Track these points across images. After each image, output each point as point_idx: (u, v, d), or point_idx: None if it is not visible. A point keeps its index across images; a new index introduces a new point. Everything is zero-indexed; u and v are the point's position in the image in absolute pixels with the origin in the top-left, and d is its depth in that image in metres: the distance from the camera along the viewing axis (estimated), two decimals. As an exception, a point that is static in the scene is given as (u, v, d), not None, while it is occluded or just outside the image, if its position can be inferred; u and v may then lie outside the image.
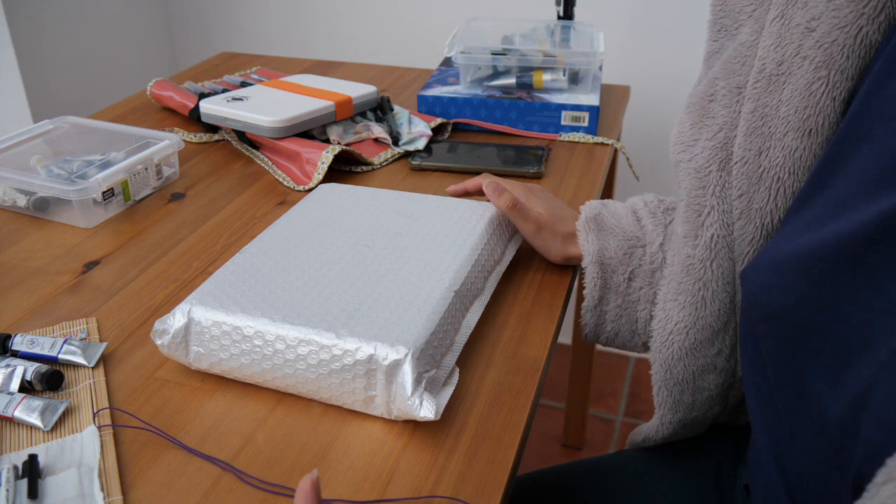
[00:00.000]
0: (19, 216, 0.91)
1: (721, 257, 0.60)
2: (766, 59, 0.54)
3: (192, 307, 0.62)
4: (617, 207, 0.79)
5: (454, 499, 0.53)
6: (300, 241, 0.73)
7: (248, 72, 1.36)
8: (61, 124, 1.01)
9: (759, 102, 0.55)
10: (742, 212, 0.57)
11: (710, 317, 0.63)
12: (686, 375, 0.66)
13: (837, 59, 0.50)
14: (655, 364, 0.68)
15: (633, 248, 0.74)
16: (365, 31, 1.73)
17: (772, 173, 0.54)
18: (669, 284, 0.66)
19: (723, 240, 0.60)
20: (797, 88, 0.52)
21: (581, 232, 0.76)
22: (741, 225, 0.58)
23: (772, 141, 0.54)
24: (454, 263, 0.69)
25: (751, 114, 0.55)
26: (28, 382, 0.62)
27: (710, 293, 0.62)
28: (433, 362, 0.60)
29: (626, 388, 1.82)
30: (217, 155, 1.07)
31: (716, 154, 0.59)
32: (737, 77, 0.58)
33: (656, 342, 0.67)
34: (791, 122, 0.53)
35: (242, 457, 0.57)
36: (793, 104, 0.52)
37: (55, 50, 1.55)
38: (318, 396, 0.61)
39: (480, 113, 1.14)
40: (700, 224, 0.60)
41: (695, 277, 0.62)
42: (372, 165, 1.02)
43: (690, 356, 0.65)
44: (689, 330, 0.64)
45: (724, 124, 0.58)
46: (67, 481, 0.54)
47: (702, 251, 0.61)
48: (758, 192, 0.56)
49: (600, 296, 0.75)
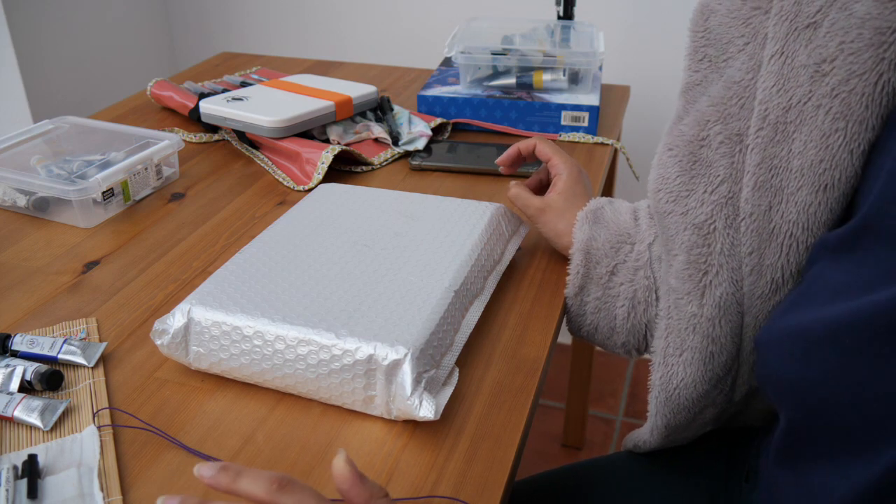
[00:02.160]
0: (19, 216, 0.91)
1: (731, 313, 0.57)
2: (768, 104, 0.51)
3: (192, 307, 0.62)
4: (622, 206, 0.78)
5: (454, 499, 0.53)
6: (300, 241, 0.73)
7: (248, 72, 1.36)
8: (61, 124, 1.01)
9: (767, 153, 0.51)
10: (753, 268, 0.54)
11: (717, 368, 0.61)
12: (688, 417, 0.65)
13: (856, 110, 0.46)
14: (658, 414, 0.66)
15: (621, 244, 0.74)
16: (365, 31, 1.73)
17: (784, 229, 0.51)
18: (669, 339, 0.63)
19: (732, 297, 0.56)
20: (811, 140, 0.48)
21: (577, 222, 0.76)
22: (752, 281, 0.55)
23: (783, 195, 0.51)
24: (454, 263, 0.69)
25: (757, 166, 0.52)
26: (28, 382, 0.62)
27: (718, 348, 0.59)
28: (433, 362, 0.60)
29: (626, 388, 1.82)
30: (217, 155, 1.07)
31: (720, 210, 0.55)
32: (735, 122, 0.53)
33: (660, 396, 0.65)
34: (806, 177, 0.49)
35: (242, 457, 0.57)
36: (807, 157, 0.49)
37: (55, 50, 1.55)
38: (318, 396, 0.61)
39: (480, 113, 1.14)
40: (707, 283, 0.57)
41: (702, 335, 0.59)
42: (372, 165, 1.02)
43: (695, 404, 0.64)
44: (697, 384, 0.62)
45: (727, 176, 0.54)
46: (67, 481, 0.54)
47: (710, 310, 0.58)
48: (769, 248, 0.53)
49: (581, 285, 0.75)
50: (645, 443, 0.73)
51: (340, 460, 0.44)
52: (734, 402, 0.65)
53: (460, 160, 1.02)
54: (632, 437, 0.77)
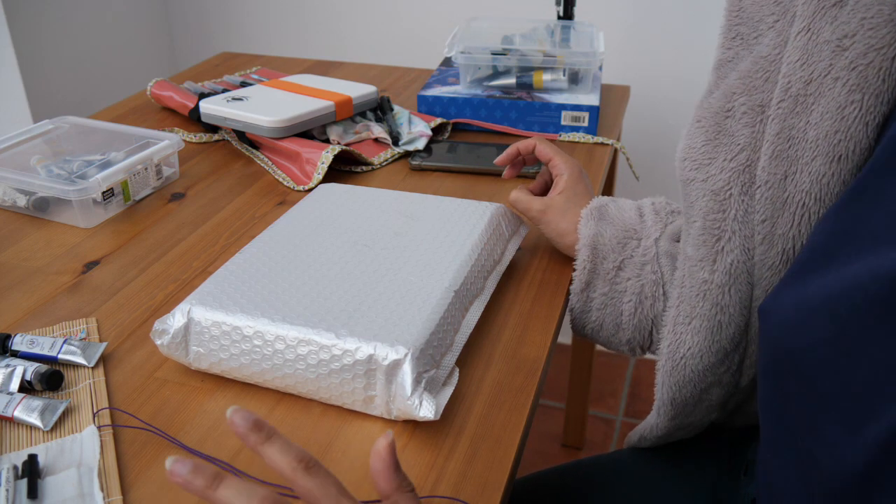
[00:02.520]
0: (19, 216, 0.91)
1: (740, 282, 0.58)
2: (791, 77, 0.52)
3: (192, 307, 0.62)
4: (625, 203, 0.79)
5: (454, 499, 0.53)
6: (300, 241, 0.73)
7: (248, 72, 1.36)
8: (61, 124, 1.01)
9: (786, 124, 0.52)
10: (765, 237, 0.55)
11: (724, 340, 0.61)
12: (693, 393, 0.65)
13: (873, 83, 0.47)
14: (664, 386, 0.67)
15: (627, 239, 0.75)
16: (365, 31, 1.73)
17: (797, 199, 0.52)
18: (680, 307, 0.64)
19: (743, 265, 0.57)
20: (828, 111, 0.49)
21: (583, 219, 0.77)
22: (763, 250, 0.56)
23: (798, 165, 0.52)
24: (454, 263, 0.69)
25: (776, 136, 0.53)
26: (28, 382, 0.62)
27: (726, 317, 0.60)
28: (433, 362, 0.60)
29: (626, 388, 1.82)
30: (217, 155, 1.07)
31: (737, 177, 0.56)
32: (759, 94, 0.55)
33: (666, 365, 0.65)
34: (820, 147, 0.50)
35: (242, 457, 0.57)
36: (822, 128, 0.50)
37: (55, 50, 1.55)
38: (318, 396, 0.61)
39: (480, 113, 1.14)
40: (719, 249, 0.58)
41: (711, 302, 0.60)
42: (372, 165, 1.02)
43: (701, 377, 0.64)
44: (703, 354, 0.62)
45: (746, 145, 0.55)
46: (67, 481, 0.54)
47: (721, 276, 0.59)
48: (782, 218, 0.54)
49: (588, 280, 0.75)
50: (651, 429, 0.73)
51: (384, 442, 0.44)
52: (741, 387, 0.65)
53: (460, 160, 1.02)
54: (636, 430, 0.77)
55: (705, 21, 1.51)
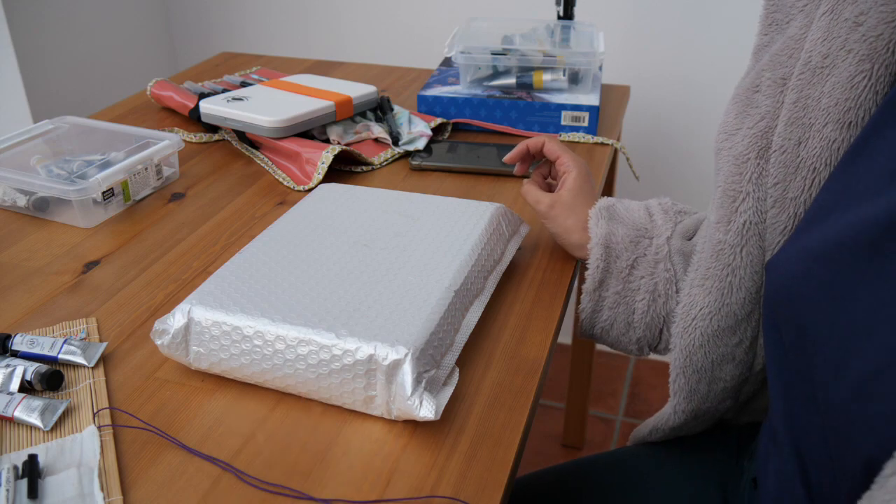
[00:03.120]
0: (19, 216, 0.91)
1: (751, 244, 0.60)
2: (812, 52, 0.55)
3: (192, 307, 0.62)
4: (631, 203, 0.80)
5: (454, 499, 0.53)
6: (300, 241, 0.73)
7: (248, 72, 1.36)
8: (61, 124, 1.01)
9: (803, 94, 0.55)
10: (776, 200, 0.58)
11: (735, 304, 0.63)
12: (705, 364, 0.66)
13: (882, 53, 0.50)
14: (676, 350, 0.68)
15: (640, 238, 0.75)
16: (365, 31, 1.73)
17: (808, 163, 0.55)
18: (697, 269, 0.66)
19: (755, 227, 0.60)
20: (840, 81, 0.53)
21: (592, 218, 0.77)
22: (774, 213, 0.58)
23: (811, 132, 0.55)
24: (454, 263, 0.69)
25: (793, 104, 0.56)
26: (28, 382, 0.62)
27: (737, 279, 0.62)
28: (433, 362, 0.60)
29: (626, 388, 1.82)
30: (217, 155, 1.07)
31: (755, 142, 0.59)
32: (782, 69, 0.58)
33: (679, 327, 0.67)
34: (831, 114, 0.53)
35: (242, 457, 0.57)
36: (834, 96, 0.53)
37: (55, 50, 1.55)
38: (318, 396, 0.61)
39: (480, 113, 1.14)
40: (734, 210, 0.61)
41: (724, 263, 0.62)
42: (372, 165, 1.02)
43: (712, 343, 0.65)
44: (714, 316, 0.64)
45: (766, 113, 0.59)
46: (67, 481, 0.54)
47: (733, 236, 0.61)
48: (794, 182, 0.56)
49: (601, 279, 0.76)
50: (666, 419, 0.73)
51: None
52: (754, 371, 0.66)
53: (460, 160, 1.02)
54: (648, 422, 0.78)
55: (705, 21, 1.51)
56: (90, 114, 1.18)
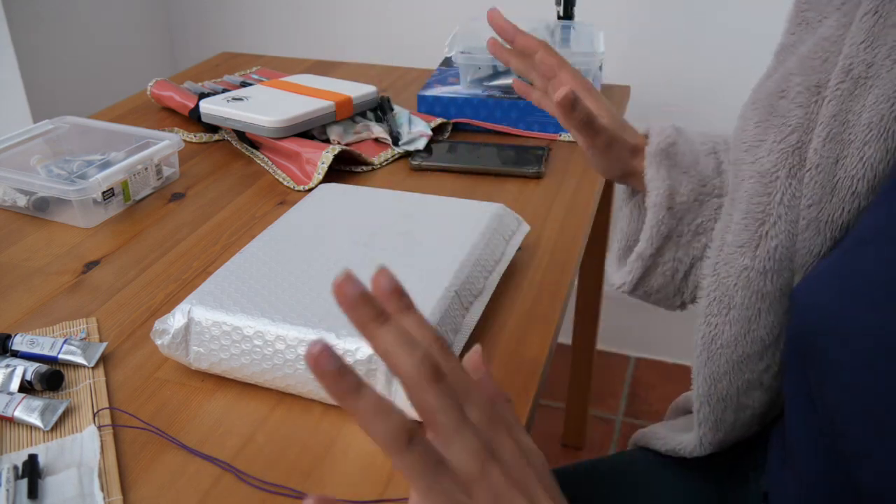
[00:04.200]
0: (19, 216, 0.91)
1: (782, 268, 0.55)
2: (854, 59, 0.49)
3: (193, 307, 0.62)
4: (695, 142, 0.70)
5: (454, 499, 0.53)
6: (300, 241, 0.73)
7: (248, 72, 1.36)
8: (61, 124, 1.01)
9: (843, 107, 0.50)
10: (810, 223, 0.52)
11: (762, 329, 0.57)
12: (731, 391, 0.61)
13: None
14: (699, 378, 0.62)
15: (707, 197, 0.67)
16: (365, 31, 1.73)
17: (847, 183, 0.50)
18: (714, 295, 0.60)
19: (786, 251, 0.54)
20: (884, 93, 0.47)
21: (650, 164, 0.68)
22: (808, 237, 0.53)
23: (850, 149, 0.49)
24: (454, 263, 0.69)
25: (832, 118, 0.50)
26: (28, 382, 0.62)
27: (766, 305, 0.56)
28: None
29: (626, 388, 1.82)
30: (217, 155, 1.07)
31: (785, 158, 0.53)
32: (816, 75, 0.52)
33: (702, 357, 0.61)
34: (874, 131, 0.48)
35: (242, 457, 0.57)
36: (878, 111, 0.47)
37: (55, 50, 1.55)
38: (319, 396, 0.61)
39: (480, 113, 1.13)
40: (763, 233, 0.55)
41: (752, 290, 0.56)
42: (372, 165, 1.02)
43: (737, 370, 0.59)
44: (739, 343, 0.58)
45: (798, 126, 0.53)
46: (67, 481, 0.54)
47: (762, 262, 0.55)
48: (829, 203, 0.51)
49: (660, 245, 0.68)
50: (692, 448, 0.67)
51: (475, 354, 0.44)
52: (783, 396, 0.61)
53: (460, 160, 1.02)
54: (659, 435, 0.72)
55: (705, 21, 1.51)
56: (90, 114, 1.18)
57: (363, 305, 0.35)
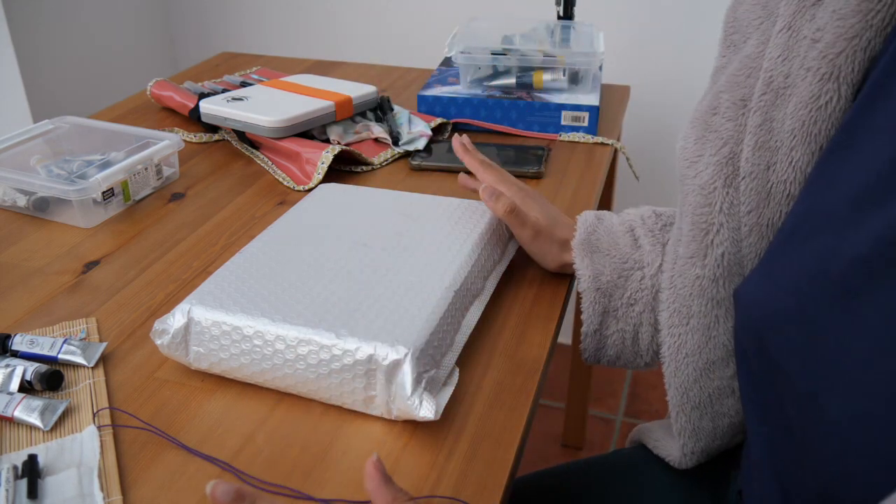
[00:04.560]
0: (19, 216, 0.91)
1: (732, 273, 0.58)
2: (773, 72, 0.53)
3: (192, 307, 0.62)
4: (613, 224, 0.77)
5: (454, 499, 0.53)
6: (300, 241, 0.73)
7: (248, 72, 1.36)
8: (61, 124, 1.01)
9: (767, 116, 0.53)
10: (752, 228, 0.55)
11: (723, 335, 0.61)
12: (703, 398, 0.64)
13: (846, 72, 0.48)
14: (671, 389, 0.66)
15: (630, 272, 0.72)
16: (365, 31, 1.73)
17: (780, 188, 0.53)
18: (673, 307, 0.64)
19: (733, 256, 0.58)
20: (802, 101, 0.50)
21: (576, 254, 0.74)
22: (752, 241, 0.56)
23: (778, 155, 0.52)
24: (454, 263, 0.69)
25: (758, 127, 0.53)
26: (28, 382, 0.62)
27: (723, 311, 0.60)
28: (433, 362, 0.60)
29: (626, 388, 1.82)
30: (217, 155, 1.07)
31: (720, 170, 0.57)
32: (741, 90, 0.56)
33: (670, 368, 0.65)
34: (797, 136, 0.51)
35: (242, 457, 0.57)
36: (798, 117, 0.50)
37: (55, 50, 1.55)
38: (318, 396, 0.61)
39: (480, 113, 1.14)
40: (709, 242, 0.58)
41: (707, 298, 0.60)
42: (372, 165, 1.02)
43: (705, 377, 0.63)
44: (703, 350, 0.62)
45: (729, 138, 0.56)
46: (67, 481, 0.54)
47: (711, 269, 0.59)
48: (767, 208, 0.54)
49: (600, 321, 0.74)
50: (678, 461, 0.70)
51: (370, 462, 0.48)
52: None
53: (460, 160, 1.02)
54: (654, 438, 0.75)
55: (705, 21, 1.51)
56: (90, 114, 1.18)
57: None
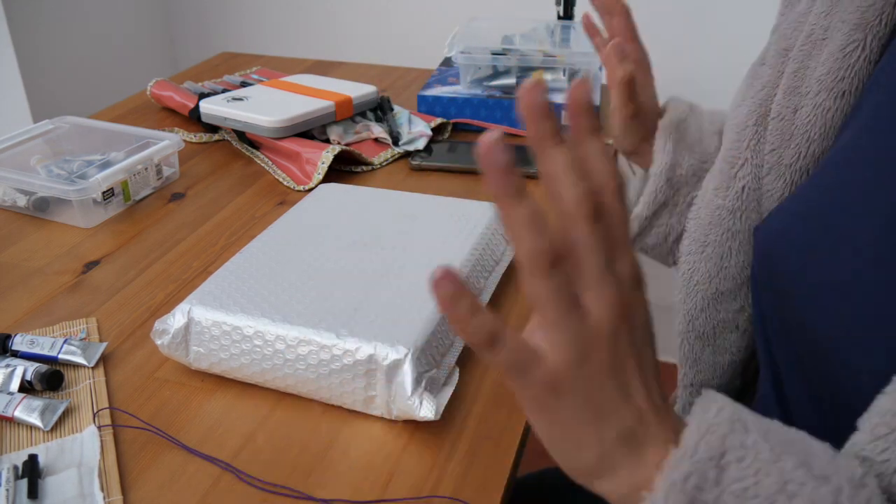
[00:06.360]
0: (19, 216, 0.91)
1: (750, 209, 0.60)
2: (815, 25, 0.56)
3: (193, 307, 0.62)
4: (704, 120, 0.77)
5: (454, 499, 0.53)
6: (300, 241, 0.73)
7: (248, 72, 1.36)
8: (61, 124, 1.01)
9: (803, 64, 0.56)
10: (772, 167, 0.58)
11: (734, 267, 0.62)
12: (707, 329, 0.66)
13: (874, 25, 0.51)
14: (678, 315, 0.67)
15: (706, 173, 0.72)
16: (365, 31, 1.73)
17: (802, 131, 0.55)
18: (694, 235, 0.66)
19: (753, 192, 0.60)
20: (833, 50, 0.53)
21: (660, 136, 0.73)
22: (770, 180, 0.58)
23: (805, 99, 0.55)
24: (454, 263, 0.69)
25: (793, 74, 0.57)
26: (28, 382, 0.62)
27: (736, 243, 0.62)
28: (433, 362, 0.60)
29: (626, 388, 1.82)
30: (217, 155, 1.07)
31: (755, 109, 0.59)
32: (786, 41, 0.59)
33: (681, 293, 0.67)
34: (824, 82, 0.53)
35: (242, 457, 0.57)
36: (827, 65, 0.53)
37: (55, 50, 1.55)
38: (318, 396, 0.61)
39: (480, 113, 1.13)
40: (732, 175, 0.61)
41: (723, 228, 0.62)
42: (372, 165, 1.02)
43: (712, 307, 0.64)
44: (713, 279, 0.64)
45: (767, 83, 0.59)
46: (67, 481, 0.54)
47: (732, 201, 0.61)
48: (788, 149, 0.57)
49: (656, 210, 0.73)
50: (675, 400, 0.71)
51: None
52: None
53: (460, 160, 1.02)
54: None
55: (705, 21, 1.51)
56: (90, 114, 1.18)
57: (543, 119, 0.34)
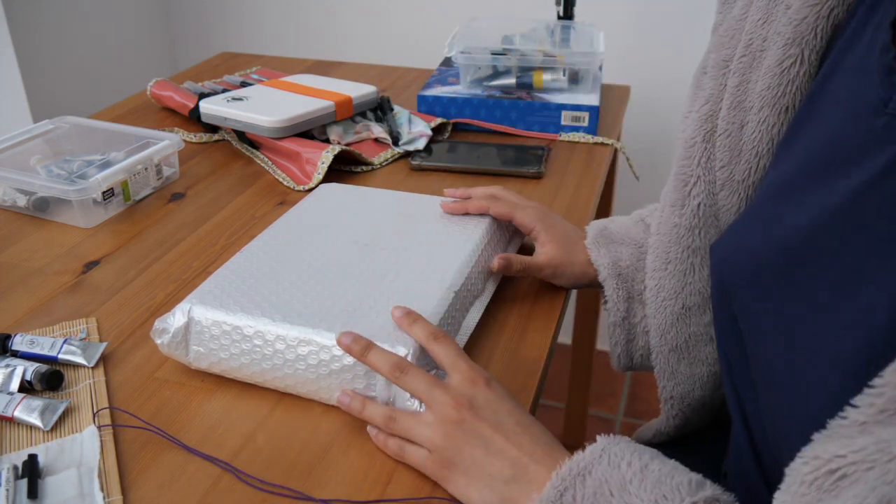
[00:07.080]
0: (19, 216, 0.91)
1: (708, 225, 0.61)
2: (753, 35, 0.55)
3: (193, 306, 0.62)
4: (622, 220, 0.78)
5: (454, 499, 0.53)
6: (300, 241, 0.73)
7: (248, 72, 1.36)
8: (61, 124, 1.01)
9: (744, 77, 0.56)
10: (724, 183, 0.58)
11: (699, 282, 0.64)
12: (679, 342, 0.66)
13: (809, 39, 0.51)
14: (652, 330, 0.68)
15: (646, 254, 0.72)
16: (365, 31, 1.73)
17: (750, 146, 0.56)
18: (657, 253, 0.67)
19: (709, 209, 0.61)
20: (770, 64, 0.53)
21: (591, 249, 0.75)
22: (724, 195, 0.59)
23: (750, 115, 0.55)
24: (454, 264, 0.69)
25: (735, 88, 0.56)
26: (28, 382, 0.62)
27: (698, 259, 0.63)
28: (433, 362, 0.60)
29: (626, 388, 1.82)
30: (217, 155, 1.07)
31: (702, 125, 0.60)
32: (725, 50, 0.58)
33: (651, 308, 0.68)
34: (766, 98, 0.54)
35: (242, 457, 0.57)
36: (766, 80, 0.53)
37: (55, 50, 1.55)
38: (318, 396, 0.61)
39: (480, 113, 1.13)
40: (687, 193, 0.61)
41: (682, 245, 0.63)
42: (372, 165, 1.02)
43: (682, 321, 0.65)
44: (679, 295, 0.65)
45: (710, 96, 0.59)
46: (67, 481, 0.54)
47: (688, 219, 0.62)
48: (738, 165, 0.57)
49: (626, 307, 0.73)
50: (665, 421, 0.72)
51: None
52: None
53: (460, 160, 1.02)
54: (649, 426, 0.76)
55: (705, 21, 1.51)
56: (90, 114, 1.18)
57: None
